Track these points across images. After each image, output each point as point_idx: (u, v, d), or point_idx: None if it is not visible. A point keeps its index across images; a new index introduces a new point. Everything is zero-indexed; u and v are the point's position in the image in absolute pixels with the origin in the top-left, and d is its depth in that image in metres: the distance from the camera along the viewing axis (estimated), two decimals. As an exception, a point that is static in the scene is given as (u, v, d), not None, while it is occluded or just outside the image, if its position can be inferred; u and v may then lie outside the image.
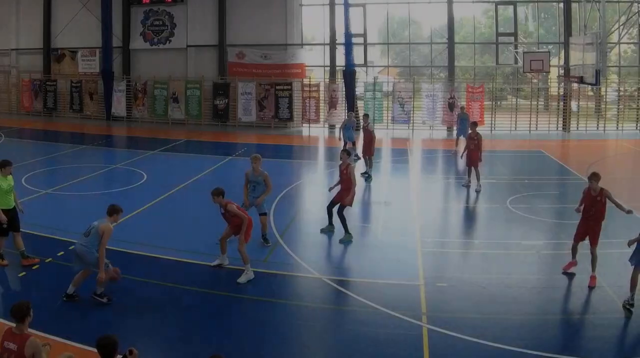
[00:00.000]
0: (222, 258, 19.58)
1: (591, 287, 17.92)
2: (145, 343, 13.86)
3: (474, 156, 29.80)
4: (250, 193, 21.47)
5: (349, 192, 22.24)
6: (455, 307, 16.47)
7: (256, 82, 53.96)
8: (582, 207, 18.86)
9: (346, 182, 22.52)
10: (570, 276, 18.51)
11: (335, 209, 22.60)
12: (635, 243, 15.80)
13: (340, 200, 22.42)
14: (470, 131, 30.98)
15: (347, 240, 22.20)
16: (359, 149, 36.10)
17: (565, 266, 19.12)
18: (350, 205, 22.56)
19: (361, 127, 34.44)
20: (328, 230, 22.99)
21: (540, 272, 19.32)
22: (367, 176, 32.27)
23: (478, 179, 29.74)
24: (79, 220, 24.07)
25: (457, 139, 41.03)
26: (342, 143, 37.08)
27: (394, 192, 30.75)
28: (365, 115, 35.62)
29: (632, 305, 15.54)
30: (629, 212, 18.60)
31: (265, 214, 21.61)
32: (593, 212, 18.66)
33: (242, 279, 18.35)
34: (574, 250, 18.99)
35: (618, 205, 18.59)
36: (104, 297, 16.28)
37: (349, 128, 36.57)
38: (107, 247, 15.94)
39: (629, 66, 56.18)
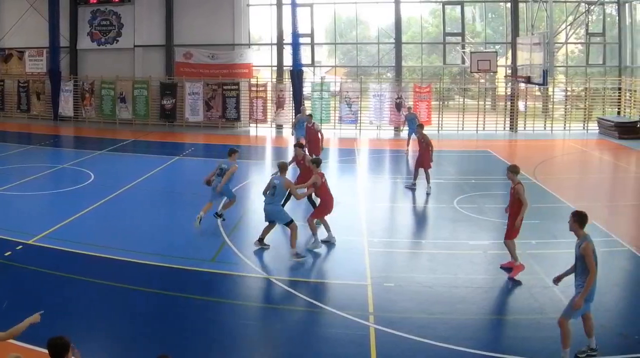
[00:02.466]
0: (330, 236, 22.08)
1: (505, 267, 18.96)
2: (93, 345, 13.81)
3: (424, 158, 29.91)
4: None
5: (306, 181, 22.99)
6: (402, 307, 16.56)
7: (203, 82, 53.83)
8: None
9: (307, 172, 23.74)
10: (519, 277, 18.66)
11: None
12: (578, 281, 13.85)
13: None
14: (417, 134, 31.19)
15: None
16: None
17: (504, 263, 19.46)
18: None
19: (304, 127, 34.37)
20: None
21: (487, 272, 19.43)
22: None
23: (428, 181, 29.77)
24: (25, 220, 24.11)
25: (409, 139, 41.17)
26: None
27: (341, 192, 30.66)
28: (309, 115, 35.64)
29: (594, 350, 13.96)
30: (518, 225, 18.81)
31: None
32: (510, 205, 19.02)
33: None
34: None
35: (520, 206, 18.69)
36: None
37: (301, 126, 36.59)
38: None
39: (576, 66, 56.68)
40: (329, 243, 21.73)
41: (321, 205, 22.02)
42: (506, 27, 54.51)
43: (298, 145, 26.27)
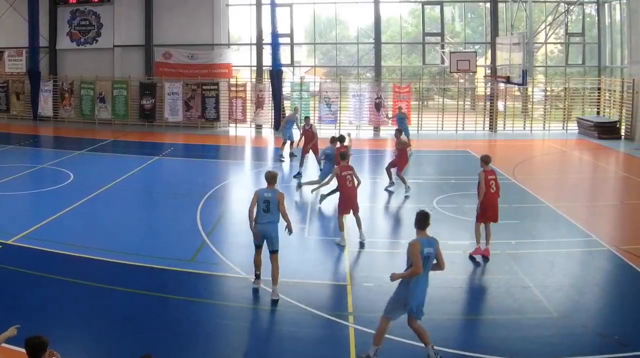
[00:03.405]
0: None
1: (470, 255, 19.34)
2: (72, 345, 13.73)
3: (399, 161, 29.95)
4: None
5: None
6: (381, 307, 16.30)
7: (183, 82, 53.63)
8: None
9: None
10: (498, 277, 18.66)
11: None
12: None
13: None
14: (395, 137, 31.29)
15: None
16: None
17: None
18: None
19: (301, 128, 34.91)
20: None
21: (467, 272, 19.40)
22: (298, 174, 32.36)
23: (405, 183, 29.64)
24: (5, 220, 23.99)
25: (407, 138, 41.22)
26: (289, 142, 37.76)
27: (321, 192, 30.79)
28: (306, 118, 36.30)
29: None
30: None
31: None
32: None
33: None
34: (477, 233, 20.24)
35: (485, 191, 19.71)
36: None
37: (289, 127, 36.82)
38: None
39: (555, 66, 57.01)
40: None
41: (340, 199, 22.44)
42: (485, 27, 54.65)
43: (340, 139, 28.29)
